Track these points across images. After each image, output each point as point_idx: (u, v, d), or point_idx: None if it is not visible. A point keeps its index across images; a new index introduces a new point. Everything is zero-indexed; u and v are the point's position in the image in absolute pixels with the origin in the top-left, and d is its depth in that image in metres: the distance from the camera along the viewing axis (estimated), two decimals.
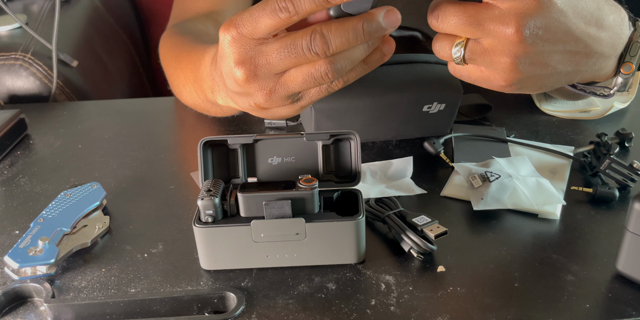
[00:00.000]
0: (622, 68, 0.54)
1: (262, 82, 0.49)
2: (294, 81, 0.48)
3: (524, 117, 0.78)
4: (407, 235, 0.53)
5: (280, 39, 0.47)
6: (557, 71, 0.50)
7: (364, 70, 0.50)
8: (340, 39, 0.45)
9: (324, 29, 0.45)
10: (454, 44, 0.48)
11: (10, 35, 0.99)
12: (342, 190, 0.55)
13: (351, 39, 0.45)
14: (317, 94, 0.51)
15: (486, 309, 0.48)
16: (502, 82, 0.49)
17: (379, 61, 0.50)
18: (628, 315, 0.47)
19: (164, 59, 0.82)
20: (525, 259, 0.53)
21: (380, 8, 0.46)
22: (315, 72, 0.47)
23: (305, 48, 0.46)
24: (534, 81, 0.50)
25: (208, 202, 0.50)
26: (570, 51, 0.49)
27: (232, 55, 0.48)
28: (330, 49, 0.46)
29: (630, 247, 0.48)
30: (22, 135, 0.78)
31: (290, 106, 0.52)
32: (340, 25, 0.45)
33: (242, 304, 0.48)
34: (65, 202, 0.59)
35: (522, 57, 0.47)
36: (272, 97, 0.50)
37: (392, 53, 0.50)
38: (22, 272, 0.52)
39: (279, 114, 0.54)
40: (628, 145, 0.70)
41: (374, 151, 0.71)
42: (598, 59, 0.52)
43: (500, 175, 0.59)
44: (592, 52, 0.50)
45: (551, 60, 0.49)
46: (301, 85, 0.48)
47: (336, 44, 0.45)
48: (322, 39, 0.45)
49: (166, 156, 0.73)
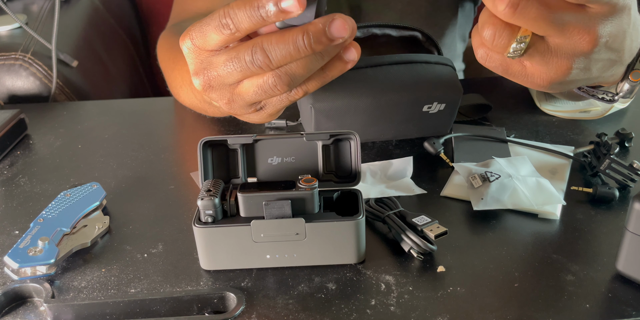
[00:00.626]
0: (630, 75, 0.53)
1: (219, 92, 0.48)
2: (247, 92, 0.47)
3: (524, 117, 0.78)
4: (407, 235, 0.53)
5: (227, 51, 0.45)
6: (592, 77, 0.48)
7: (323, 79, 0.48)
8: (281, 51, 0.43)
9: (265, 42, 0.43)
10: (516, 37, 0.43)
11: (10, 35, 0.99)
12: (342, 190, 0.55)
13: (293, 52, 0.43)
14: (279, 103, 0.49)
15: (486, 309, 0.48)
16: (545, 82, 0.46)
17: (340, 70, 0.47)
18: (628, 315, 0.47)
19: (162, 59, 0.82)
20: (525, 259, 0.53)
21: (325, 17, 0.43)
22: (264, 84, 0.46)
23: (249, 62, 0.44)
24: (569, 85, 0.48)
25: (208, 202, 0.50)
26: (611, 59, 0.48)
27: (190, 65, 0.48)
28: (273, 62, 0.44)
29: (630, 247, 0.48)
30: (22, 135, 0.78)
31: (258, 113, 0.51)
32: (281, 37, 0.43)
33: (242, 304, 0.48)
34: (65, 202, 0.59)
35: (581, 62, 0.45)
36: (232, 106, 0.49)
37: (356, 60, 0.47)
38: (22, 272, 0.52)
39: (253, 120, 0.53)
40: (628, 145, 0.70)
41: (374, 151, 0.71)
42: (618, 66, 0.51)
43: (500, 175, 0.59)
44: (620, 60, 0.49)
45: (595, 68, 0.47)
46: (254, 97, 0.47)
47: (278, 58, 0.43)
48: (263, 52, 0.43)
49: (166, 156, 0.73)
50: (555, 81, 0.47)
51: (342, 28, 0.43)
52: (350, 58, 0.47)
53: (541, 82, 0.47)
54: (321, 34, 0.43)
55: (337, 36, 0.43)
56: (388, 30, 0.72)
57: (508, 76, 0.48)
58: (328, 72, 0.47)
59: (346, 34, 0.43)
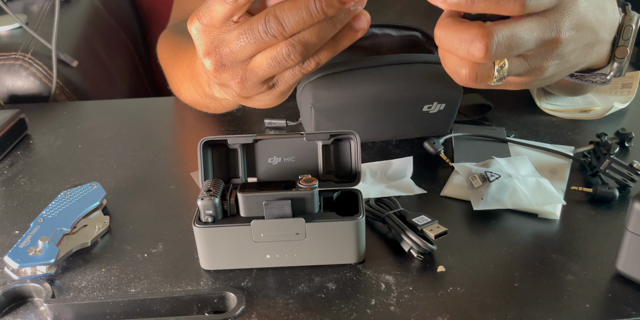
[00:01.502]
0: (616, 52, 0.54)
1: (231, 70, 0.48)
2: (260, 67, 0.47)
3: (524, 117, 0.78)
4: (407, 235, 0.53)
5: (240, 25, 0.45)
6: (572, 66, 0.49)
7: (335, 49, 0.48)
8: (294, 18, 0.43)
9: (277, 9, 0.44)
10: (495, 68, 0.45)
11: (10, 35, 0.99)
12: (342, 190, 0.55)
13: (306, 17, 0.43)
14: (292, 77, 0.49)
15: (486, 309, 0.48)
16: (525, 85, 0.48)
17: (350, 39, 0.48)
18: (628, 315, 0.47)
19: (162, 58, 0.82)
20: (525, 259, 0.53)
21: None
22: (278, 55, 0.46)
23: (262, 32, 0.44)
24: (550, 79, 0.49)
25: (208, 202, 0.50)
26: (586, 44, 0.49)
27: (200, 46, 0.48)
28: (287, 29, 0.44)
29: (630, 247, 0.48)
30: (22, 135, 0.78)
31: (269, 92, 0.51)
32: (293, 4, 0.43)
33: (242, 304, 0.48)
34: (65, 202, 0.59)
35: (553, 60, 0.46)
36: (245, 85, 0.49)
37: (366, 28, 0.47)
38: (22, 272, 0.52)
39: (264, 102, 0.53)
40: (628, 145, 0.70)
41: (374, 151, 0.71)
42: (600, 46, 0.51)
43: (500, 175, 0.60)
44: (598, 41, 0.50)
45: (572, 57, 0.48)
46: (268, 70, 0.47)
47: (291, 24, 0.43)
48: (277, 20, 0.44)
49: (166, 156, 0.73)
50: (535, 81, 0.48)
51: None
52: (361, 26, 0.47)
53: (521, 85, 0.48)
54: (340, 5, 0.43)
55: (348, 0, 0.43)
56: (388, 30, 0.72)
57: (487, 87, 0.49)
58: (339, 42, 0.48)
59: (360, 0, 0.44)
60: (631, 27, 0.53)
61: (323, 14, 0.43)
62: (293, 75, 0.49)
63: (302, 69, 0.49)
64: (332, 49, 0.48)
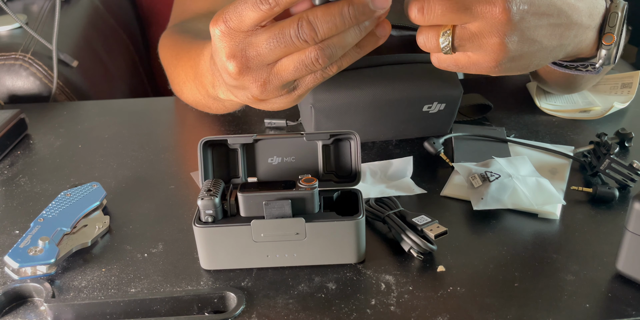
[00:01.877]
0: (603, 39, 0.55)
1: (255, 73, 0.49)
2: (286, 70, 0.48)
3: (524, 117, 0.78)
4: (407, 235, 0.53)
5: (268, 29, 0.46)
6: (543, 47, 0.50)
7: (357, 54, 0.50)
8: (327, 24, 0.45)
9: (310, 15, 0.45)
10: (440, 34, 0.48)
11: (10, 35, 0.99)
12: (342, 190, 0.55)
13: (339, 23, 0.45)
14: (312, 81, 0.50)
15: (486, 309, 0.48)
16: (492, 62, 0.49)
17: (372, 45, 0.49)
18: (628, 315, 0.47)
19: (164, 57, 0.82)
20: (525, 259, 0.53)
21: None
22: (306, 59, 0.47)
23: (294, 36, 0.45)
24: (522, 60, 0.50)
25: (208, 202, 0.50)
26: (554, 24, 0.49)
27: (223, 49, 0.48)
28: (319, 35, 0.45)
29: (630, 247, 0.48)
30: (22, 135, 0.78)
31: (288, 96, 0.52)
32: (327, 10, 0.45)
33: (242, 304, 0.48)
34: (65, 202, 0.59)
35: (510, 35, 0.47)
36: (267, 88, 0.49)
37: (387, 36, 0.49)
38: (22, 272, 0.52)
39: (278, 105, 0.53)
40: (628, 145, 0.70)
41: (374, 151, 0.71)
42: (578, 30, 0.52)
43: (500, 175, 0.60)
44: (573, 23, 0.51)
45: (537, 36, 0.49)
46: (294, 74, 0.48)
47: (324, 30, 0.45)
48: (309, 25, 0.45)
49: (166, 156, 0.73)
50: (501, 60, 0.49)
51: (384, 1, 0.45)
52: (383, 34, 0.49)
53: (491, 63, 0.49)
54: (365, 5, 0.45)
55: (380, 7, 0.45)
56: None
57: (463, 70, 0.51)
58: (362, 48, 0.49)
59: (387, 5, 0.46)
60: (617, 13, 0.54)
61: (355, 21, 0.45)
62: (314, 79, 0.50)
63: (323, 73, 0.50)
64: (354, 54, 0.49)
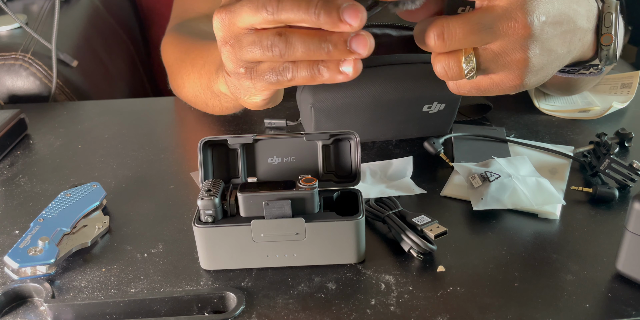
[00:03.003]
0: (602, 40, 0.54)
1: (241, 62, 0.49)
2: (247, 42, 0.47)
3: (524, 117, 0.78)
4: (407, 235, 0.53)
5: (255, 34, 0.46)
6: (557, 56, 0.49)
7: (314, 74, 0.47)
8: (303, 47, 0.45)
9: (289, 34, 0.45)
10: (462, 60, 0.46)
11: (10, 35, 0.99)
12: (342, 190, 0.55)
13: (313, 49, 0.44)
14: (267, 71, 0.49)
15: (486, 309, 0.48)
16: (517, 80, 0.48)
17: (331, 75, 0.47)
18: (628, 315, 0.47)
19: (171, 53, 0.82)
20: (525, 259, 0.53)
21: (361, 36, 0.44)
22: (263, 41, 0.46)
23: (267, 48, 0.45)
24: (542, 72, 0.49)
25: (208, 202, 0.50)
26: (565, 31, 0.49)
27: (219, 34, 0.49)
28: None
29: (630, 247, 0.48)
30: (22, 135, 0.78)
31: (249, 82, 0.50)
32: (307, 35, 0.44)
33: (242, 304, 0.48)
34: (65, 202, 0.59)
35: (534, 49, 0.46)
36: (233, 55, 0.49)
37: (350, 76, 0.47)
38: (22, 272, 0.52)
39: (251, 99, 0.53)
40: (628, 145, 0.70)
41: (374, 151, 0.71)
42: (581, 34, 0.52)
43: (500, 175, 0.60)
44: (577, 28, 0.50)
45: (554, 45, 0.48)
46: (251, 50, 0.47)
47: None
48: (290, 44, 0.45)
49: (166, 156, 0.73)
50: (526, 76, 0.48)
51: (363, 46, 0.44)
52: (345, 70, 0.47)
53: (515, 83, 0.48)
54: (344, 43, 0.44)
55: (357, 52, 0.44)
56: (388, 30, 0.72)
57: (485, 93, 0.50)
58: (321, 71, 0.47)
59: (364, 52, 0.44)
60: (611, 14, 0.54)
61: (329, 56, 0.44)
62: (270, 70, 0.48)
63: (278, 74, 0.48)
64: (312, 72, 0.47)
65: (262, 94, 0.52)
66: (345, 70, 0.46)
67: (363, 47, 0.44)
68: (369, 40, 0.45)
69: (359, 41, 0.44)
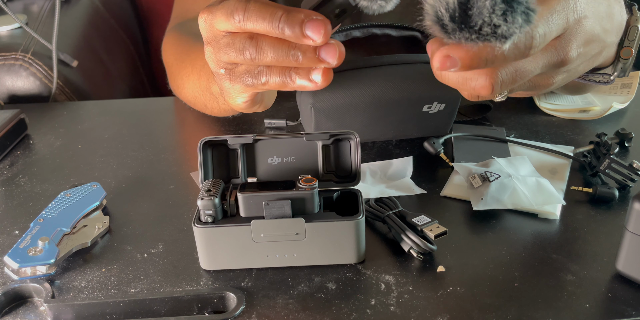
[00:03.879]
0: (621, 53, 0.54)
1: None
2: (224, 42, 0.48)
3: (524, 117, 0.78)
4: (407, 235, 0.53)
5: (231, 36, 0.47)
6: (579, 73, 0.50)
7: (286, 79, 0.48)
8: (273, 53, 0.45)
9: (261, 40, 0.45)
10: (497, 93, 0.45)
11: (10, 35, 0.99)
12: (342, 190, 0.55)
13: (268, 24, 0.44)
14: (243, 73, 0.49)
15: (486, 309, 0.48)
16: (532, 94, 0.50)
17: (303, 83, 0.47)
18: (628, 315, 0.47)
19: (170, 53, 0.82)
20: (525, 259, 0.53)
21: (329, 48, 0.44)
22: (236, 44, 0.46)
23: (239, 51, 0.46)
24: (557, 87, 0.50)
25: (208, 202, 0.50)
26: (594, 54, 0.49)
27: (204, 34, 0.49)
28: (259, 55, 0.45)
29: (630, 247, 0.48)
30: (22, 135, 0.78)
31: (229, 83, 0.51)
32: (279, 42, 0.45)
33: (242, 304, 0.48)
34: (65, 202, 0.59)
35: (562, 74, 0.47)
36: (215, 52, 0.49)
37: (318, 85, 0.47)
38: (22, 272, 0.52)
39: (234, 99, 0.53)
40: (628, 145, 0.70)
41: (374, 151, 0.71)
42: (607, 50, 0.52)
43: (500, 175, 0.60)
44: (605, 46, 0.51)
45: (581, 69, 0.49)
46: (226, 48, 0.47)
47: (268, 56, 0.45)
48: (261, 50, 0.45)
49: (166, 156, 0.73)
50: (542, 92, 0.49)
51: (332, 55, 0.44)
52: (314, 79, 0.47)
53: (528, 95, 0.50)
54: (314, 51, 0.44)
55: (326, 61, 0.45)
56: (388, 30, 0.72)
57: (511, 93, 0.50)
58: (292, 77, 0.47)
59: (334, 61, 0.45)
60: (637, 28, 0.53)
61: (283, 34, 0.44)
62: (246, 73, 0.48)
63: (253, 77, 0.48)
64: (283, 77, 0.47)
65: (241, 96, 0.53)
66: (315, 79, 0.46)
67: (332, 56, 0.44)
68: (339, 49, 0.45)
69: (328, 50, 0.44)
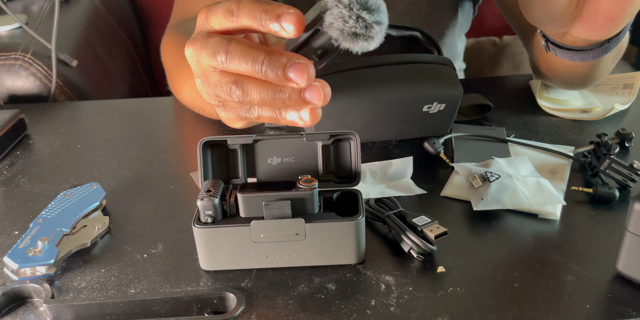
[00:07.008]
0: None
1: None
2: (214, 80, 0.47)
3: (524, 117, 0.78)
4: (407, 235, 0.53)
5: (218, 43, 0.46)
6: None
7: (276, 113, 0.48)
8: (256, 91, 0.45)
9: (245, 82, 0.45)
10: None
11: (10, 35, 0.99)
12: (342, 191, 0.55)
13: (250, 66, 0.44)
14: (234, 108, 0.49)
15: (486, 309, 0.48)
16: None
17: (293, 119, 0.48)
18: (628, 315, 0.47)
19: (168, 56, 0.82)
20: (525, 259, 0.53)
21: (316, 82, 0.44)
22: (221, 82, 0.47)
23: (226, 93, 0.46)
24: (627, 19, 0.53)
25: (208, 202, 0.50)
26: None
27: (191, 66, 0.49)
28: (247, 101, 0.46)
29: (630, 247, 0.48)
30: (22, 135, 0.78)
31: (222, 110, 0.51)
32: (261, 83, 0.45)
33: (242, 305, 0.48)
34: (65, 202, 0.59)
35: None
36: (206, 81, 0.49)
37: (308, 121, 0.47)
38: (21, 273, 0.52)
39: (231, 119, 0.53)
40: (628, 145, 0.70)
41: (374, 151, 0.71)
42: None
43: (500, 175, 0.59)
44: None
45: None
46: (212, 87, 0.48)
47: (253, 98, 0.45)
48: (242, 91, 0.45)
49: (166, 156, 0.73)
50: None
51: (317, 97, 0.45)
52: (303, 117, 0.47)
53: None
54: (298, 97, 0.44)
55: (311, 102, 0.45)
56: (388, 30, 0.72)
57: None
58: (282, 114, 0.47)
59: (320, 101, 0.45)
60: None
61: (267, 77, 0.44)
62: (239, 107, 0.49)
63: (246, 112, 0.48)
64: (273, 114, 0.47)
65: (237, 123, 0.53)
66: (303, 117, 0.47)
67: (317, 98, 0.45)
68: (324, 91, 0.45)
69: (313, 92, 0.44)
